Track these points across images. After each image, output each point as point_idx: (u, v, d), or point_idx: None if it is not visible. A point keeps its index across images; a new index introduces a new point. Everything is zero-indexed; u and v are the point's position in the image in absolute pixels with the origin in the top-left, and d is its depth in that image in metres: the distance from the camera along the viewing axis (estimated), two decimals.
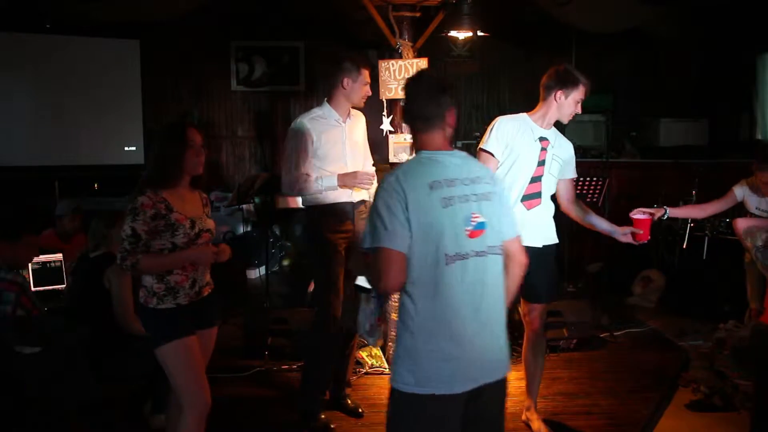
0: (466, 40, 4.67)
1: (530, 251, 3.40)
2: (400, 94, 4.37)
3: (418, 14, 4.53)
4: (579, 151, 7.32)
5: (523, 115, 3.54)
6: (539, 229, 3.49)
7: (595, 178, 5.76)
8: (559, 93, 3.44)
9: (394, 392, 2.18)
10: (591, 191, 5.75)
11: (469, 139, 7.04)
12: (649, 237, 3.53)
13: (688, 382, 4.34)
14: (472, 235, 2.16)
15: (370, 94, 3.81)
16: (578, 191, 5.79)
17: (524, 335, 3.70)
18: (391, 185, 2.14)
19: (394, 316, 4.55)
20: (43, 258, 4.30)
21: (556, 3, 6.10)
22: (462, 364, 2.13)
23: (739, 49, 7.51)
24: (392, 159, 4.49)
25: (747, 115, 7.83)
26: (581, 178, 5.74)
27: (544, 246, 3.51)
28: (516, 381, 3.91)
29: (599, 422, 3.87)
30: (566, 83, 3.43)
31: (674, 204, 6.45)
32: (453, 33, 4.67)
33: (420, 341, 2.12)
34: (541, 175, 3.48)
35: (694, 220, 6.18)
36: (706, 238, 6.05)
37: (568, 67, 3.51)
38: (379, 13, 4.44)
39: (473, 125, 7.88)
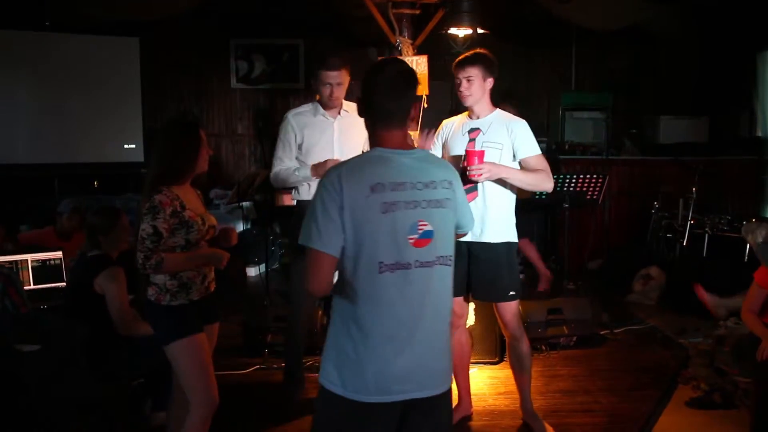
0: (466, 37, 4.65)
1: (477, 246, 3.38)
2: None
3: (417, 11, 4.53)
4: (579, 149, 7.39)
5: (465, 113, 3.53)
6: (480, 224, 3.34)
7: (595, 176, 5.75)
8: None
9: (323, 390, 2.07)
10: (591, 189, 5.75)
11: None
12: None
13: (687, 379, 4.33)
14: (417, 245, 2.02)
15: (333, 95, 3.64)
16: (578, 189, 5.80)
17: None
18: (331, 182, 1.99)
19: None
20: (42, 255, 4.30)
21: (556, 0, 6.09)
22: (396, 373, 2.02)
23: (740, 46, 7.50)
24: None
25: (747, 112, 7.82)
26: (581, 176, 5.73)
27: (491, 243, 3.41)
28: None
29: (599, 419, 3.87)
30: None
31: (674, 203, 6.49)
32: (453, 30, 4.67)
33: (358, 345, 2.01)
34: None
35: (693, 217, 6.19)
36: (707, 235, 6.05)
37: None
38: (379, 10, 4.44)
39: None
